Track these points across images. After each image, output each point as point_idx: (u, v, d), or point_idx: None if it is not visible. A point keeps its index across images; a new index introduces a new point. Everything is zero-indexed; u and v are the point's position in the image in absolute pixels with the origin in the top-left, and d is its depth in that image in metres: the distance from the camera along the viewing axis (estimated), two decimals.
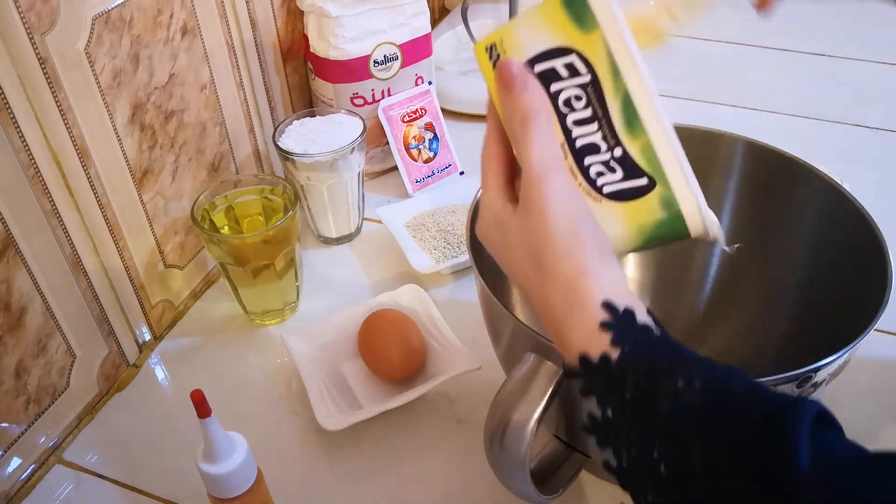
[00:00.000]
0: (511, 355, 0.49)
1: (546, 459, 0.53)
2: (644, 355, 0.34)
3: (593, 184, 0.39)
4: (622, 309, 0.35)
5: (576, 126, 0.39)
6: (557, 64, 0.39)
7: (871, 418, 0.59)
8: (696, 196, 0.39)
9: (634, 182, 0.39)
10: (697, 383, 0.32)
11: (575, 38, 0.39)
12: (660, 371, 0.33)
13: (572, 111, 0.39)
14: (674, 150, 0.39)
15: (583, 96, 0.39)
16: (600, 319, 0.34)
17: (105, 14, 0.56)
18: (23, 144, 0.52)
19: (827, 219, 0.53)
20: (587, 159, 0.39)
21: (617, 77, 0.38)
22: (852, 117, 0.92)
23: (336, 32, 0.76)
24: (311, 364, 0.61)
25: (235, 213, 0.68)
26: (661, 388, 0.32)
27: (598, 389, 0.34)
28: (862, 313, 0.44)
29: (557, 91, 0.39)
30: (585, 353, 0.34)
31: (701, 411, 0.32)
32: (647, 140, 0.39)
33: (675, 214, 0.39)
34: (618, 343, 0.34)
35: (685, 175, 0.39)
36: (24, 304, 0.54)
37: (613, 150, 0.39)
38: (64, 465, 0.59)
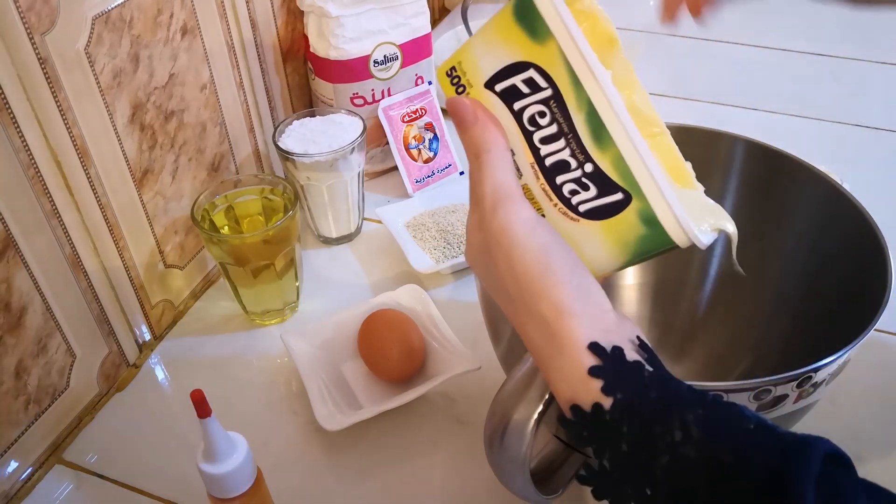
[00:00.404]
0: (511, 355, 0.49)
1: (546, 459, 0.53)
2: (638, 402, 0.32)
3: (568, 203, 0.38)
4: (610, 349, 0.33)
5: (543, 144, 0.38)
6: (517, 80, 0.37)
7: (871, 418, 0.59)
8: (671, 206, 0.36)
9: (609, 198, 0.37)
10: (695, 432, 0.31)
11: (531, 51, 0.37)
12: (655, 420, 0.31)
13: (538, 128, 0.38)
14: (644, 160, 0.36)
15: (546, 112, 0.37)
16: (588, 365, 0.33)
17: (105, 14, 0.56)
18: (23, 144, 0.52)
19: (827, 219, 0.53)
20: (559, 178, 0.38)
21: (578, 88, 0.36)
22: (852, 117, 0.92)
23: (336, 32, 0.76)
24: (311, 364, 0.61)
25: (235, 213, 0.68)
26: (658, 439, 0.31)
27: (593, 441, 0.33)
28: (862, 313, 0.44)
29: (521, 109, 0.38)
30: (577, 403, 0.33)
31: (700, 466, 0.30)
32: (616, 152, 0.36)
33: (657, 227, 0.37)
34: (609, 391, 0.32)
35: (658, 186, 0.36)
36: (24, 304, 0.54)
37: (584, 165, 0.37)
38: (64, 465, 0.59)
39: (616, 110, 0.36)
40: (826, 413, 0.58)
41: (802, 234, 0.56)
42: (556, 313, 0.34)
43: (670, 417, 0.31)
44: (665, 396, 0.32)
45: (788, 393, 0.42)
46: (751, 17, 1.16)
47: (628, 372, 0.33)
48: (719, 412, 0.32)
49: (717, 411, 0.32)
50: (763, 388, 0.41)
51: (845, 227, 0.51)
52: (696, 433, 0.31)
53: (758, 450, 0.30)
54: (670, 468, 0.31)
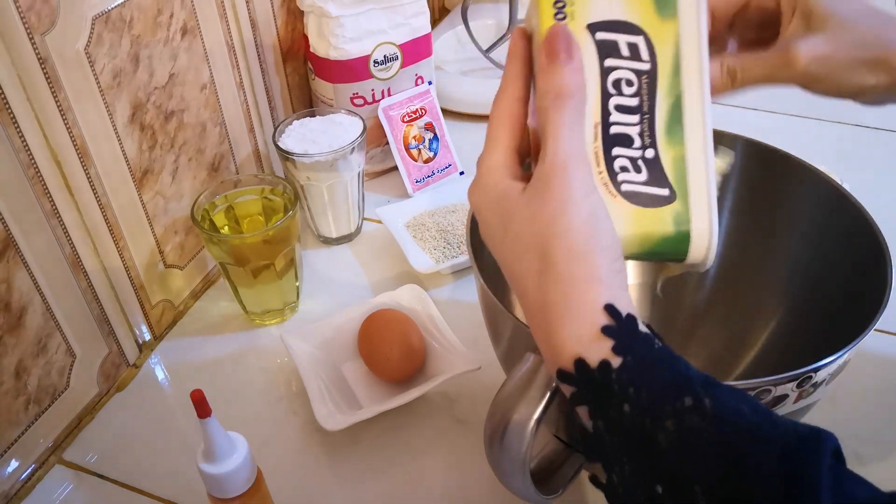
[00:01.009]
0: (511, 355, 0.49)
1: (546, 459, 0.53)
2: (648, 367, 0.31)
3: (613, 176, 0.36)
4: (625, 314, 0.32)
5: (617, 111, 0.36)
6: (621, 39, 0.36)
7: (871, 418, 0.59)
8: (712, 222, 0.36)
9: (656, 189, 0.36)
10: (707, 404, 0.30)
11: (650, 19, 0.36)
12: (665, 386, 0.31)
13: (619, 94, 0.36)
14: (707, 170, 0.36)
15: (635, 83, 0.36)
16: (602, 324, 0.32)
17: (105, 14, 0.56)
18: (23, 144, 0.52)
19: (827, 219, 0.53)
20: (616, 149, 0.36)
21: (675, 77, 0.36)
22: (852, 117, 0.91)
23: (336, 32, 0.76)
24: (311, 364, 0.61)
25: (235, 213, 0.68)
26: (666, 405, 0.30)
27: (592, 399, 0.32)
28: (862, 313, 0.44)
29: (611, 67, 0.36)
30: (583, 358, 0.32)
31: (709, 437, 0.29)
32: (682, 152, 0.36)
33: (684, 235, 0.36)
34: (620, 351, 0.31)
35: (709, 200, 0.36)
36: (24, 304, 0.54)
37: (646, 149, 0.36)
38: (64, 465, 0.59)
39: (703, 114, 0.36)
40: (826, 413, 0.58)
41: (802, 234, 0.56)
42: (590, 277, 0.33)
43: (680, 387, 0.31)
44: (675, 368, 0.32)
45: (788, 393, 0.42)
46: None
47: (640, 339, 0.32)
48: (728, 391, 0.31)
49: (727, 391, 0.31)
50: (763, 388, 0.41)
51: (845, 227, 0.51)
52: (708, 405, 0.30)
53: (771, 434, 0.29)
54: (677, 437, 0.30)
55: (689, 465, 0.30)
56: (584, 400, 0.32)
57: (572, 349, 0.32)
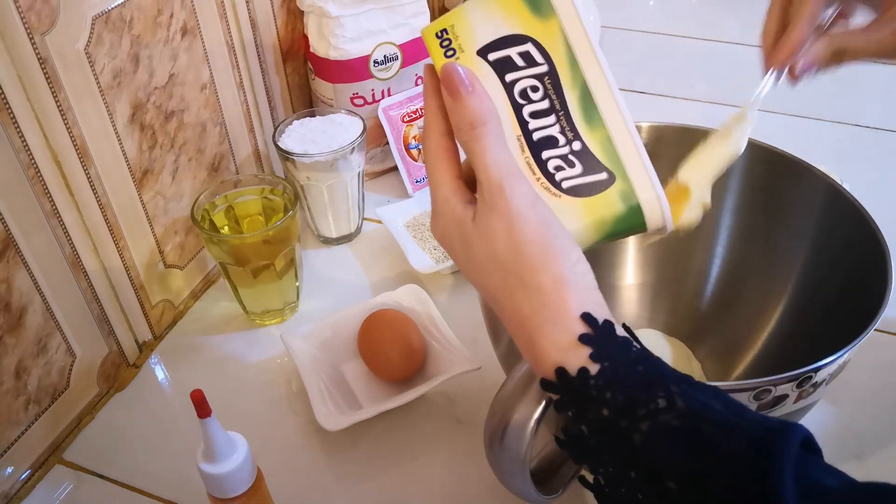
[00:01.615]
0: (511, 355, 0.49)
1: (546, 459, 0.53)
2: (624, 371, 0.33)
3: (551, 178, 0.38)
4: (601, 321, 0.34)
5: (532, 118, 0.38)
6: (512, 52, 0.38)
7: (871, 418, 0.59)
8: (655, 189, 0.38)
9: (594, 177, 0.38)
10: (679, 402, 0.31)
11: (531, 25, 0.37)
12: (640, 388, 0.32)
13: (529, 102, 0.38)
14: (633, 142, 0.38)
15: (539, 87, 0.38)
16: (579, 332, 0.33)
17: (105, 14, 0.56)
18: (23, 144, 0.52)
19: (827, 219, 0.53)
20: (545, 153, 0.38)
21: (575, 67, 0.37)
22: (851, 117, 0.91)
23: (336, 32, 0.76)
24: (311, 364, 0.61)
25: (235, 213, 0.68)
26: (640, 407, 0.31)
27: (574, 405, 0.33)
28: (862, 313, 0.44)
29: (513, 81, 0.38)
30: (562, 366, 0.33)
31: (680, 435, 0.31)
32: (605, 133, 0.38)
33: (635, 209, 0.38)
34: (597, 358, 0.33)
35: (645, 168, 0.38)
36: (24, 304, 0.54)
37: (572, 143, 0.38)
38: (64, 465, 0.59)
39: (610, 92, 0.38)
40: (826, 413, 0.58)
41: (802, 234, 0.56)
42: (556, 285, 0.34)
43: (654, 388, 0.32)
44: (651, 371, 0.33)
45: (788, 393, 0.42)
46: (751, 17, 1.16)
47: (617, 344, 0.33)
48: (703, 390, 0.33)
49: (700, 389, 0.33)
50: (763, 388, 0.41)
51: (845, 227, 0.51)
52: (680, 404, 0.31)
53: (740, 426, 0.31)
54: (650, 435, 0.31)
55: (662, 460, 0.31)
56: (567, 406, 0.34)
57: (552, 358, 0.34)
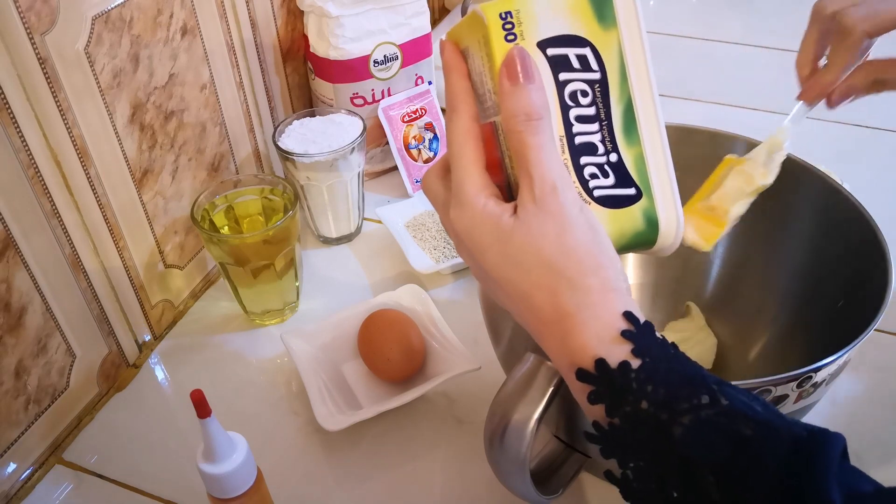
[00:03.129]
0: (511, 355, 0.49)
1: (546, 459, 0.53)
2: (665, 367, 0.33)
3: (585, 184, 0.38)
4: (643, 321, 0.34)
5: (578, 122, 0.38)
6: (571, 53, 0.38)
7: (872, 418, 0.59)
8: (677, 213, 0.39)
9: (624, 191, 0.39)
10: (723, 400, 0.31)
11: (593, 30, 0.38)
12: (682, 384, 0.32)
13: (577, 105, 0.38)
14: (666, 164, 0.39)
15: (589, 92, 0.38)
16: (621, 328, 0.34)
17: (105, 14, 0.56)
18: (23, 144, 0.52)
19: (827, 219, 0.53)
20: (584, 158, 0.38)
21: (624, 82, 0.38)
22: (852, 117, 0.91)
23: (336, 32, 0.76)
24: (311, 364, 0.61)
25: (235, 213, 0.68)
26: (682, 401, 0.32)
27: (609, 397, 0.33)
28: (862, 313, 0.44)
29: (566, 81, 0.38)
30: (603, 358, 0.33)
31: (723, 430, 0.31)
32: (640, 151, 0.38)
33: (653, 227, 0.39)
34: (639, 353, 0.33)
35: (672, 192, 0.39)
36: (24, 304, 0.54)
37: (610, 154, 0.38)
38: (64, 465, 0.59)
39: (654, 112, 0.38)
40: (826, 413, 0.58)
41: (803, 234, 0.56)
42: (605, 287, 0.35)
43: (696, 384, 0.32)
44: (691, 370, 0.33)
45: (788, 393, 0.42)
46: (751, 17, 1.16)
47: (657, 344, 0.34)
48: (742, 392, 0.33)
49: (740, 391, 0.33)
50: (763, 388, 0.41)
51: (845, 227, 0.51)
52: (724, 401, 0.31)
53: (783, 426, 0.31)
54: (691, 429, 0.31)
55: (702, 453, 0.31)
56: (602, 398, 0.34)
57: (593, 350, 0.34)
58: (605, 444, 0.34)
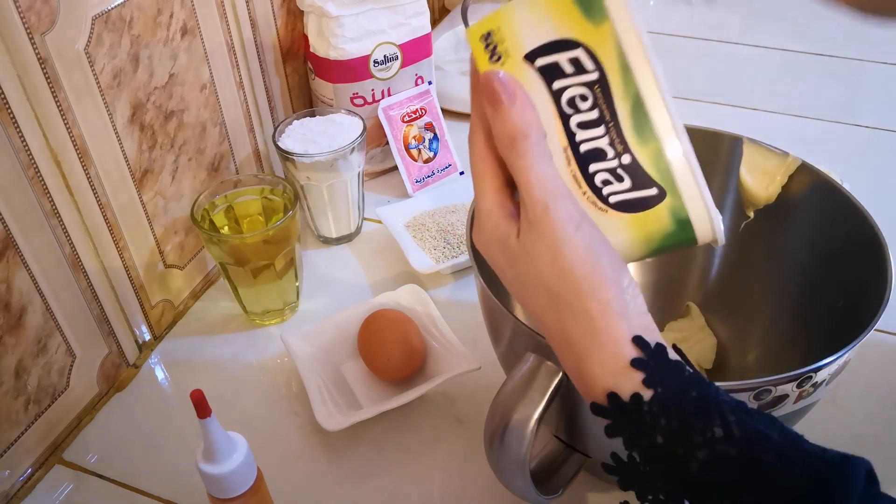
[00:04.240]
0: (511, 355, 0.49)
1: (546, 459, 0.53)
2: (678, 398, 0.32)
3: (598, 192, 0.36)
4: (654, 345, 0.33)
5: (580, 129, 0.36)
6: (561, 58, 0.36)
7: (871, 418, 0.59)
8: (706, 204, 0.36)
9: (643, 192, 0.36)
10: (736, 431, 0.30)
11: (582, 29, 0.35)
12: (695, 416, 0.31)
13: (577, 112, 0.36)
14: (686, 156, 0.36)
15: (589, 96, 0.36)
16: (631, 356, 0.32)
17: (105, 14, 0.56)
18: (23, 144, 0.52)
19: (827, 219, 0.53)
20: (592, 166, 0.36)
21: (627, 76, 0.35)
22: (852, 117, 0.91)
23: (336, 32, 0.76)
24: (311, 364, 0.61)
25: (235, 213, 0.68)
26: (696, 434, 0.31)
27: (626, 430, 0.33)
28: (862, 313, 0.44)
29: (560, 89, 0.36)
30: (615, 391, 0.32)
31: (739, 465, 0.30)
32: (657, 146, 0.36)
33: (685, 225, 0.36)
34: (650, 383, 0.32)
35: (697, 184, 0.36)
36: (24, 304, 0.54)
37: (621, 156, 0.36)
38: (64, 465, 0.59)
39: (664, 102, 0.36)
40: (826, 413, 0.58)
41: (802, 234, 0.56)
42: (604, 311, 0.33)
43: (711, 415, 0.31)
44: (705, 397, 0.32)
45: (788, 393, 0.42)
46: (751, 17, 1.16)
47: (670, 369, 0.33)
48: (759, 418, 0.32)
49: (756, 417, 0.32)
50: (763, 388, 0.41)
51: (845, 227, 0.51)
52: (738, 432, 0.31)
53: (800, 457, 0.30)
54: (707, 464, 0.30)
55: (719, 489, 0.30)
56: (619, 431, 0.33)
57: (604, 383, 0.33)
58: (623, 477, 0.34)
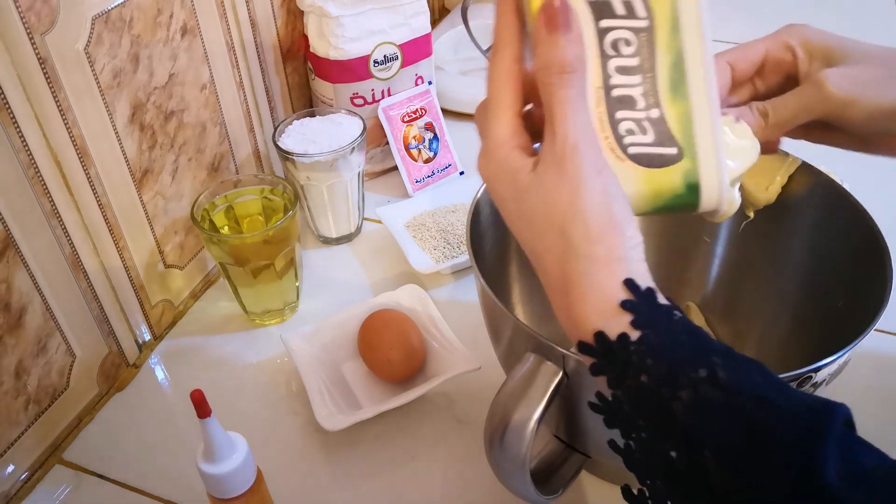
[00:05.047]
0: (511, 355, 0.49)
1: (546, 459, 0.53)
2: (665, 339, 0.32)
3: (620, 140, 0.36)
4: (644, 288, 0.33)
5: (617, 73, 0.35)
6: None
7: (871, 418, 0.59)
8: (720, 174, 0.36)
9: (663, 150, 0.36)
10: (721, 373, 0.31)
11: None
12: (681, 357, 0.32)
13: (618, 55, 0.35)
14: (713, 123, 0.36)
15: (633, 42, 0.35)
16: (621, 298, 0.33)
17: (105, 14, 0.56)
18: (23, 144, 0.52)
19: (827, 218, 0.53)
20: (620, 112, 0.36)
21: (675, 31, 0.35)
22: None
23: (336, 32, 0.76)
24: (311, 364, 0.61)
25: (235, 213, 0.68)
26: (681, 375, 0.31)
27: (610, 370, 0.33)
28: (862, 313, 0.44)
29: (607, 28, 0.35)
30: (602, 331, 0.33)
31: (722, 407, 0.30)
32: (687, 108, 0.36)
33: (693, 188, 0.36)
34: (638, 325, 0.32)
35: (717, 152, 0.36)
36: (24, 304, 0.54)
37: (650, 109, 0.36)
38: (64, 465, 0.59)
39: (704, 67, 0.35)
40: None
41: (802, 233, 0.56)
42: (610, 257, 0.33)
43: (697, 357, 0.32)
44: (693, 339, 0.32)
45: None
46: (751, 17, 1.16)
47: (659, 312, 0.33)
48: (745, 362, 0.32)
49: (742, 361, 0.32)
50: None
51: (845, 227, 0.51)
52: (722, 375, 0.31)
53: (782, 402, 0.30)
54: (691, 405, 0.31)
55: (702, 432, 0.31)
56: (603, 371, 0.33)
57: (593, 323, 0.33)
58: (608, 416, 0.34)
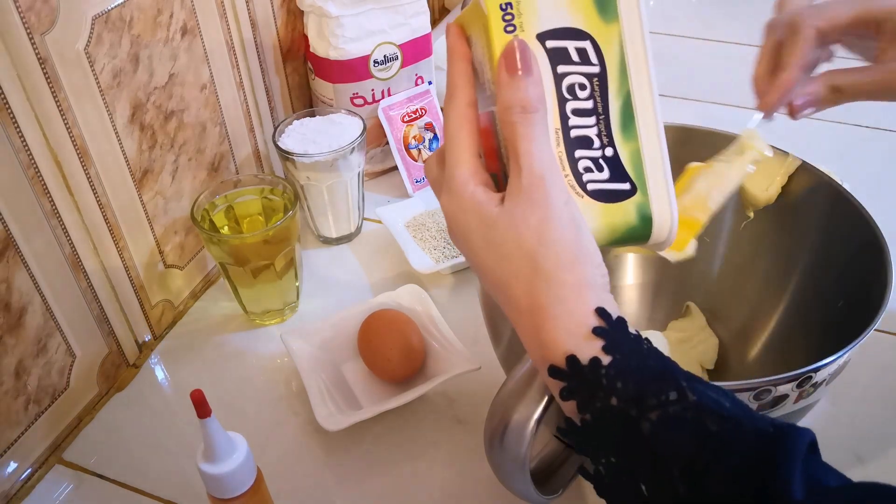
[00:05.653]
0: (511, 355, 0.49)
1: (546, 459, 0.53)
2: (635, 364, 0.33)
3: (579, 178, 0.38)
4: (615, 317, 0.34)
5: (574, 115, 0.38)
6: (570, 45, 0.37)
7: (871, 418, 0.59)
8: (671, 208, 0.39)
9: (618, 185, 0.38)
10: (690, 395, 0.32)
11: (594, 24, 0.37)
12: (651, 381, 0.32)
13: (574, 98, 0.38)
14: (662, 162, 0.38)
15: (587, 86, 0.38)
16: (593, 325, 0.34)
17: (105, 14, 0.56)
18: (23, 144, 0.52)
19: (827, 219, 0.54)
20: (578, 152, 0.38)
21: (624, 76, 0.38)
22: (852, 117, 0.91)
23: (336, 32, 0.76)
24: (311, 364, 0.61)
25: (235, 213, 0.68)
26: (651, 397, 0.32)
27: (581, 393, 0.34)
28: (862, 313, 0.44)
29: (564, 73, 0.38)
30: (574, 354, 0.34)
31: (690, 426, 0.31)
32: (637, 146, 0.38)
33: (647, 222, 0.39)
34: (609, 350, 0.33)
35: (667, 186, 0.39)
36: (24, 304, 0.54)
37: (605, 148, 0.38)
38: (64, 465, 0.59)
39: (652, 107, 0.38)
40: (826, 413, 0.58)
41: (802, 234, 0.56)
42: (581, 284, 0.35)
43: (666, 380, 0.33)
44: (662, 366, 0.34)
45: (788, 393, 0.42)
46: (751, 17, 1.16)
47: (629, 339, 0.34)
48: (712, 388, 0.33)
49: (709, 387, 0.33)
50: (763, 388, 0.41)
51: (845, 227, 0.51)
52: (691, 397, 0.32)
53: (749, 423, 0.31)
54: (659, 424, 0.32)
55: (669, 450, 0.31)
56: (573, 394, 0.34)
57: (564, 347, 0.34)
58: (578, 440, 0.35)
